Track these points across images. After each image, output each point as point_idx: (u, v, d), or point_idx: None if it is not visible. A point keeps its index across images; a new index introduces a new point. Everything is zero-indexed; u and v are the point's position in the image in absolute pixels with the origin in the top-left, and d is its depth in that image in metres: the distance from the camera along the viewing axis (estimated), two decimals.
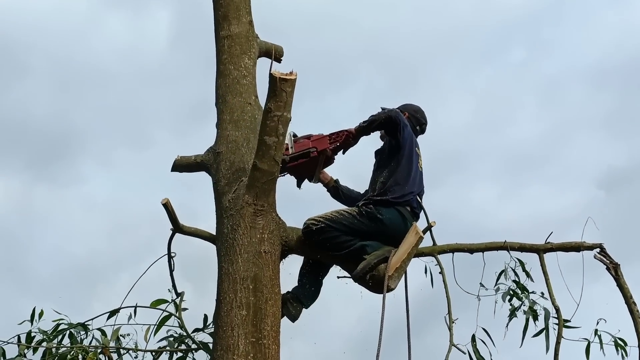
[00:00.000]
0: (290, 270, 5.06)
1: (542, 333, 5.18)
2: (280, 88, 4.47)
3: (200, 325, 5.72)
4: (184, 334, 5.69)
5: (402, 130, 5.12)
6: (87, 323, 5.74)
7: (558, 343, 4.98)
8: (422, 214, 5.20)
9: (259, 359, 4.38)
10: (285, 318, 4.86)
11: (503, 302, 5.36)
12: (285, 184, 5.22)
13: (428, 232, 5.13)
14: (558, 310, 5.05)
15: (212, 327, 5.47)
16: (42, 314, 5.82)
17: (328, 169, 5.49)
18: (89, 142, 18.08)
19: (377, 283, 4.76)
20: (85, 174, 18.15)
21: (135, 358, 5.76)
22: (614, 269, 4.97)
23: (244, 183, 4.83)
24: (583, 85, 19.24)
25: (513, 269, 5.40)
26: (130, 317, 5.70)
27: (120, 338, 5.75)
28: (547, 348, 5.09)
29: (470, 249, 5.21)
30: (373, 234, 4.94)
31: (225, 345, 4.42)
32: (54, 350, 5.66)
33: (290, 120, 4.61)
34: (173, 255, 5.53)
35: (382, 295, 4.69)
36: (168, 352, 5.75)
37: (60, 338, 5.75)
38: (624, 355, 5.24)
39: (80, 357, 5.64)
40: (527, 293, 5.39)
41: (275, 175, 4.75)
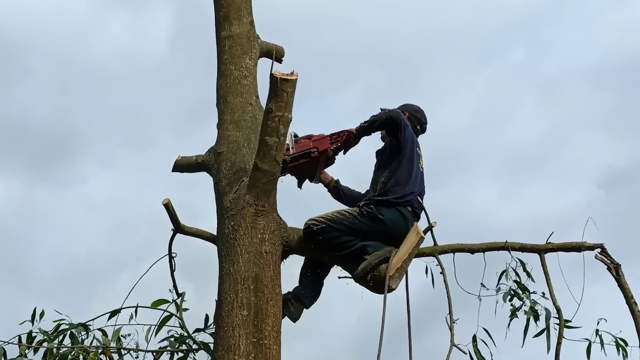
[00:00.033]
0: (291, 271, 5.07)
1: (543, 333, 5.18)
2: (281, 88, 4.47)
3: (201, 326, 5.71)
4: (185, 334, 5.69)
5: (403, 131, 5.12)
6: (88, 323, 5.75)
7: (559, 343, 4.99)
8: (423, 214, 5.20)
9: (260, 359, 4.38)
10: (286, 318, 4.86)
11: (504, 302, 5.36)
12: (286, 185, 5.22)
13: (429, 232, 5.13)
14: (559, 311, 5.05)
15: (213, 327, 5.47)
16: (43, 314, 5.82)
17: (329, 169, 5.49)
18: (90, 142, 18.11)
19: (378, 283, 4.76)
20: (86, 175, 18.19)
21: (136, 358, 5.77)
22: (615, 269, 4.97)
23: (245, 183, 4.83)
24: (583, 85, 19.27)
25: (514, 269, 5.39)
26: (131, 317, 5.70)
27: (121, 338, 5.75)
28: (548, 348, 5.09)
29: (471, 249, 5.21)
30: (374, 234, 4.94)
31: (226, 346, 4.41)
32: (55, 351, 5.66)
33: (291, 121, 4.61)
34: (174, 256, 5.52)
35: (383, 296, 4.68)
36: (169, 352, 5.75)
37: (61, 338, 5.75)
38: (625, 356, 5.24)
39: (81, 357, 5.65)
40: (528, 293, 5.38)
41: (276, 176, 4.74)
